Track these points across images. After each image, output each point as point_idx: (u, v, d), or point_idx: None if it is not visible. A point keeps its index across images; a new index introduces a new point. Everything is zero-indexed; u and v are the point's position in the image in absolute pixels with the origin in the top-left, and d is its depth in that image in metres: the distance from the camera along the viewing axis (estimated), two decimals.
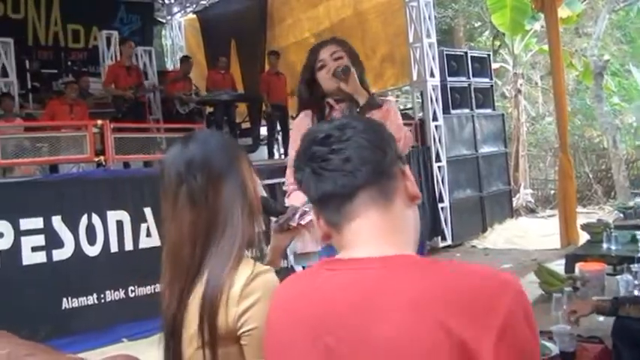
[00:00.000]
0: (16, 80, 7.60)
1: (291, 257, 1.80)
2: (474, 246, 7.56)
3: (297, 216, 1.68)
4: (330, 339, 0.95)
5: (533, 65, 13.30)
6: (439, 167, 7.59)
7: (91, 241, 5.09)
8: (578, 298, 2.81)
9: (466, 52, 8.16)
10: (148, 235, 5.39)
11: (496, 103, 9.17)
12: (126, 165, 6.61)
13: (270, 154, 8.63)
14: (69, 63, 9.53)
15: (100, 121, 5.60)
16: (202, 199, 1.36)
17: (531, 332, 0.90)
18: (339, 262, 1.02)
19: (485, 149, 8.23)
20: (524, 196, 9.61)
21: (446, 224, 7.60)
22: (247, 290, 1.29)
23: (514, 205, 9.07)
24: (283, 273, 1.39)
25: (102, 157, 5.51)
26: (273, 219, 1.75)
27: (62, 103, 7.27)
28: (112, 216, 5.26)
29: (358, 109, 2.31)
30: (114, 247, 5.18)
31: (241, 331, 1.30)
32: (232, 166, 1.40)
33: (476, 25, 15.25)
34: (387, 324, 0.90)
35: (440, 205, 7.56)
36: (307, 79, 2.45)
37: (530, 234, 7.69)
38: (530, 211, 9.47)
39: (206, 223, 1.36)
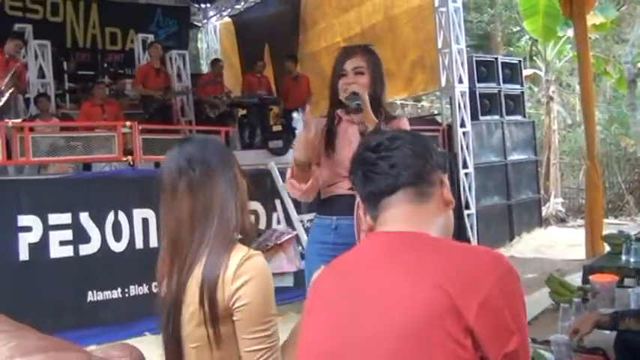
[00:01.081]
0: (52, 81, 7.85)
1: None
2: None
3: (275, 237, 1.85)
4: (353, 286, 1.16)
5: (571, 72, 13.07)
6: (466, 174, 7.52)
7: (117, 237, 5.21)
8: (587, 310, 2.78)
9: (496, 58, 8.08)
10: None
11: (531, 110, 9.08)
12: (157, 165, 6.75)
13: None
14: (105, 65, 9.80)
15: (128, 123, 5.75)
16: (200, 189, 1.54)
17: (510, 310, 1.05)
18: (372, 234, 1.26)
19: (514, 156, 8.12)
20: (554, 205, 9.44)
21: (472, 231, 7.52)
22: (240, 271, 1.47)
23: (544, 214, 8.92)
24: None
25: (130, 157, 5.67)
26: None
27: (94, 105, 7.49)
28: (138, 214, 5.37)
29: (366, 135, 2.33)
30: (139, 244, 5.28)
31: (234, 307, 1.46)
32: (226, 163, 1.59)
33: (514, 29, 15.08)
34: (400, 280, 1.10)
35: (466, 212, 7.48)
36: (334, 82, 2.45)
37: (559, 244, 7.54)
38: (561, 220, 9.29)
39: (203, 211, 1.53)
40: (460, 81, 7.45)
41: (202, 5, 11.84)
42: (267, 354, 1.49)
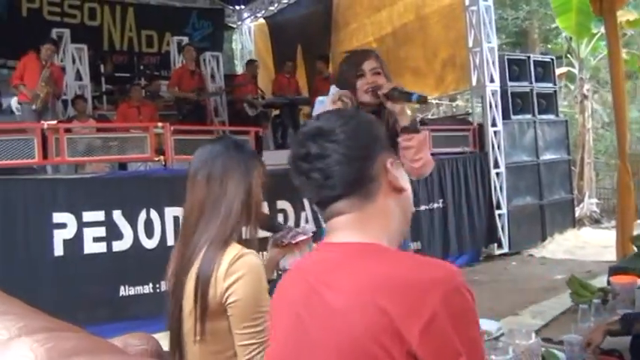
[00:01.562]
0: (89, 83, 8.08)
1: (281, 272, 1.98)
2: (531, 255, 7.37)
3: (290, 235, 1.95)
4: (300, 308, 1.12)
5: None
6: (497, 173, 7.45)
7: (149, 234, 5.34)
8: (606, 311, 2.75)
9: (529, 57, 7.96)
10: None
11: (565, 109, 8.91)
12: None
13: None
14: (141, 67, 10.03)
15: (161, 124, 5.90)
16: (216, 182, 1.66)
17: (456, 332, 0.98)
18: (320, 245, 1.22)
19: (547, 156, 7.98)
20: (588, 205, 9.23)
21: (503, 232, 7.45)
22: (232, 269, 1.56)
23: (577, 214, 8.74)
24: (272, 285, 1.64)
25: (162, 157, 5.82)
26: (270, 235, 2.02)
27: (130, 106, 7.70)
28: (170, 212, 5.49)
29: (401, 129, 2.36)
30: (170, 241, 5.40)
31: (227, 303, 1.56)
32: (245, 169, 1.70)
33: (551, 26, 14.81)
34: (339, 300, 1.05)
35: (497, 212, 7.42)
36: (345, 87, 2.48)
37: (592, 245, 7.39)
38: (595, 221, 9.08)
39: (213, 202, 1.64)
40: (491, 80, 7.39)
41: (237, 7, 12.01)
42: (258, 349, 1.56)
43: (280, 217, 5.81)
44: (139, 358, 1.34)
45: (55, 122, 5.40)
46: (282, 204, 5.91)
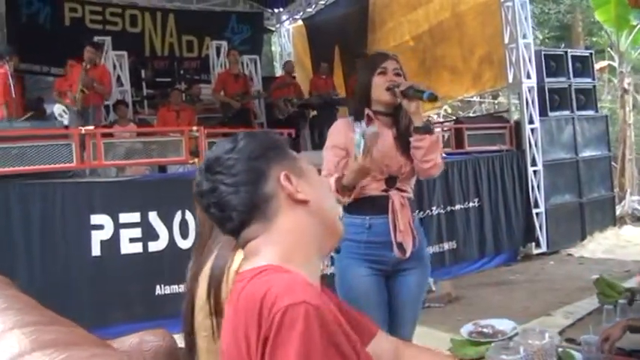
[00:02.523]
0: (130, 89, 8.33)
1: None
2: (570, 254, 7.19)
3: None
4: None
5: None
6: (534, 171, 7.31)
7: (184, 235, 5.46)
8: (632, 312, 2.69)
9: (566, 52, 7.76)
10: None
11: (609, 104, 8.65)
12: None
13: None
14: (182, 72, 10.25)
15: (195, 127, 6.06)
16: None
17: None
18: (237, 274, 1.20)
19: (586, 153, 7.77)
20: (630, 203, 8.92)
21: (540, 231, 7.30)
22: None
23: (618, 212, 8.46)
24: None
25: (196, 159, 5.96)
26: None
27: (169, 110, 7.88)
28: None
29: (413, 129, 2.40)
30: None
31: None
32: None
33: (595, 19, 14.38)
34: (225, 330, 1.11)
35: (535, 211, 7.28)
36: (364, 84, 2.51)
37: (633, 244, 7.17)
38: (637, 219, 8.73)
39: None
40: (528, 76, 7.26)
41: (275, 10, 12.14)
42: None
43: None
44: (120, 354, 1.39)
45: (92, 128, 5.59)
46: None
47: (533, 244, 7.28)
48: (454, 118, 9.71)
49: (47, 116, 8.35)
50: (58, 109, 7.96)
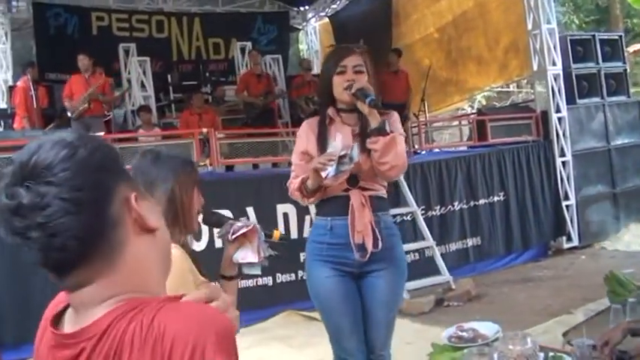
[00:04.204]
0: (153, 94, 8.43)
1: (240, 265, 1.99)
2: (603, 248, 6.86)
3: (233, 229, 1.92)
4: None
5: None
6: (563, 162, 7.02)
7: (196, 236, 5.49)
8: None
9: (594, 36, 7.38)
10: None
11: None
12: (255, 167, 7.02)
13: None
14: (207, 74, 10.32)
15: (205, 129, 6.07)
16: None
17: None
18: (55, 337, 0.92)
19: (619, 141, 7.39)
20: None
21: (572, 224, 7.00)
22: None
23: None
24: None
25: (207, 161, 5.97)
26: (217, 230, 2.05)
27: (192, 113, 7.91)
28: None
29: (368, 131, 2.32)
30: (218, 243, 5.52)
31: None
32: (166, 178, 1.77)
33: None
34: None
35: (565, 204, 6.99)
36: (325, 81, 2.44)
37: None
38: None
39: None
40: (553, 63, 6.96)
41: (301, 8, 12.10)
42: None
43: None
44: None
45: (102, 134, 5.66)
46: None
47: (564, 238, 6.99)
48: (478, 109, 9.42)
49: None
50: None
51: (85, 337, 0.86)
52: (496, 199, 6.78)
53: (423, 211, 6.40)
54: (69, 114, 7.06)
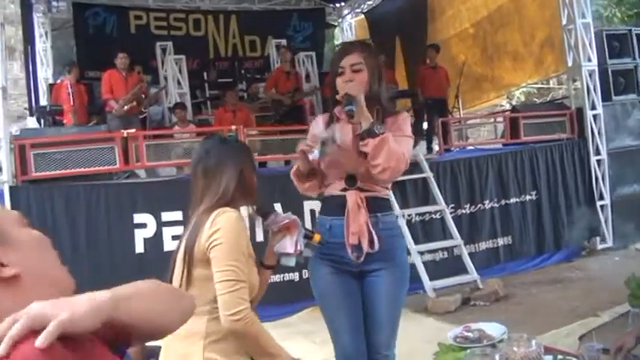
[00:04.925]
0: (189, 91, 8.58)
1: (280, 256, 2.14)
2: (638, 249, 6.67)
3: (276, 221, 2.10)
4: None
5: None
6: (598, 161, 6.86)
7: None
8: None
9: (630, 30, 7.14)
10: None
11: None
12: (287, 163, 7.10)
13: (429, 149, 8.55)
14: (242, 71, 10.44)
15: (234, 127, 6.16)
16: (211, 172, 1.95)
17: None
18: None
19: None
20: None
21: (606, 224, 6.83)
22: (215, 222, 1.84)
23: None
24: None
25: None
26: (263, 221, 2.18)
27: (226, 110, 8.02)
28: (243, 210, 5.71)
29: (358, 133, 2.32)
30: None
31: (210, 247, 1.82)
32: (234, 158, 1.99)
33: None
34: None
35: (599, 204, 6.83)
36: (332, 82, 2.46)
37: None
38: None
39: (211, 190, 1.94)
40: (588, 59, 6.80)
41: (337, 4, 12.10)
42: (238, 284, 1.81)
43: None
44: None
45: (133, 131, 5.82)
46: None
47: (598, 238, 6.83)
48: (512, 106, 9.25)
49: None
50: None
51: None
52: (528, 198, 6.68)
53: (453, 210, 6.36)
54: (114, 111, 7.28)
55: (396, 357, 2.54)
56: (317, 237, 2.19)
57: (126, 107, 7.13)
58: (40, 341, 0.77)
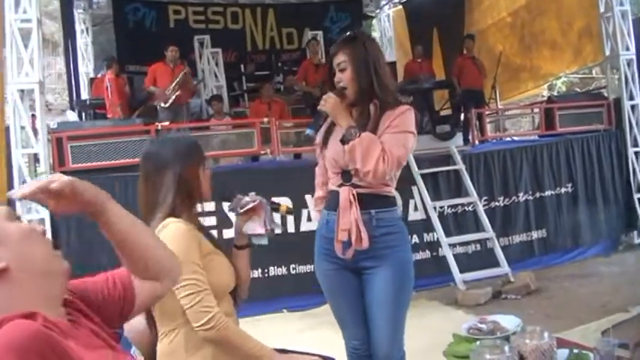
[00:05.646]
0: (225, 84, 8.73)
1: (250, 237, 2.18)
2: None
3: (241, 204, 2.13)
4: None
5: None
6: (636, 153, 6.70)
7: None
8: None
9: None
10: (309, 219, 5.84)
11: None
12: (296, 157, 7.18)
13: (465, 141, 8.48)
14: (279, 64, 10.53)
15: (266, 119, 6.26)
16: (151, 179, 1.93)
17: None
18: None
19: None
20: None
21: None
22: None
23: None
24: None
25: (268, 150, 6.17)
26: (227, 204, 2.23)
27: (261, 103, 8.16)
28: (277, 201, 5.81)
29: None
30: (277, 229, 5.72)
31: None
32: (174, 161, 1.92)
33: None
34: None
35: (637, 196, 6.68)
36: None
37: None
38: None
39: (151, 197, 1.93)
40: (626, 48, 6.63)
41: None
42: (199, 295, 1.81)
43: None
44: None
45: (167, 123, 5.98)
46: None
47: (636, 232, 6.68)
48: (548, 97, 9.07)
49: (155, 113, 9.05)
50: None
51: None
52: (563, 190, 6.58)
53: (486, 202, 6.33)
54: (162, 103, 7.49)
55: (405, 354, 2.48)
56: (284, 207, 2.26)
57: (172, 96, 7.29)
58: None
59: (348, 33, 2.54)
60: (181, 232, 1.85)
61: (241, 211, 2.13)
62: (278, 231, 2.27)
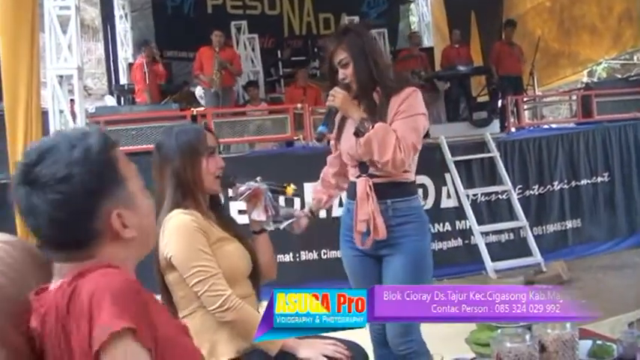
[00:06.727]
0: (261, 70, 8.80)
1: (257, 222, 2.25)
2: None
3: (238, 193, 2.18)
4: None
5: None
6: None
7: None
8: None
9: None
10: (340, 205, 5.87)
11: None
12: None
13: (502, 128, 8.38)
14: (315, 49, 10.52)
15: (300, 105, 6.31)
16: (158, 173, 2.03)
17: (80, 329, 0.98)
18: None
19: None
20: None
21: None
22: (165, 232, 1.91)
23: None
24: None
25: (300, 136, 6.23)
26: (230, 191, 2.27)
27: (297, 88, 8.23)
28: (308, 187, 5.85)
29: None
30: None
31: (168, 257, 1.92)
32: (175, 155, 2.00)
33: None
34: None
35: None
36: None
37: None
38: None
39: (159, 188, 2.02)
40: None
41: None
42: (211, 279, 1.89)
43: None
44: None
45: (202, 109, 6.09)
46: (421, 179, 5.74)
47: None
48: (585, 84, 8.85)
49: (192, 99, 9.20)
50: (198, 91, 8.74)
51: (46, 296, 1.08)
52: (600, 179, 6.46)
53: (521, 191, 6.27)
54: (210, 86, 7.66)
55: (419, 344, 2.45)
56: (289, 190, 2.28)
57: (216, 79, 7.42)
58: None
59: (339, 27, 2.55)
60: (184, 223, 1.92)
61: (240, 199, 2.18)
62: (288, 213, 2.40)
